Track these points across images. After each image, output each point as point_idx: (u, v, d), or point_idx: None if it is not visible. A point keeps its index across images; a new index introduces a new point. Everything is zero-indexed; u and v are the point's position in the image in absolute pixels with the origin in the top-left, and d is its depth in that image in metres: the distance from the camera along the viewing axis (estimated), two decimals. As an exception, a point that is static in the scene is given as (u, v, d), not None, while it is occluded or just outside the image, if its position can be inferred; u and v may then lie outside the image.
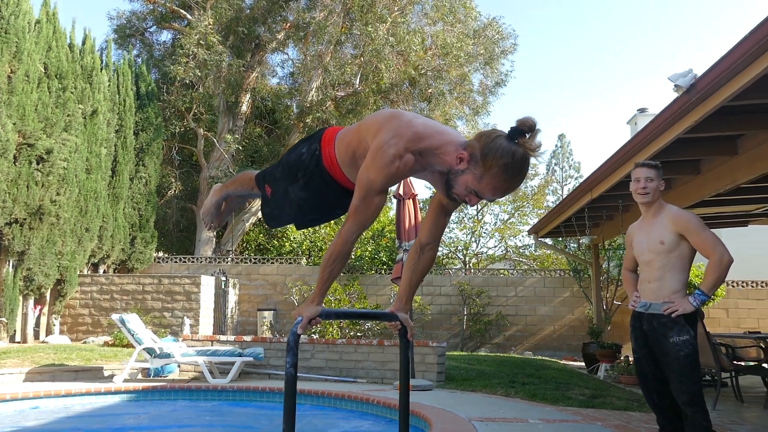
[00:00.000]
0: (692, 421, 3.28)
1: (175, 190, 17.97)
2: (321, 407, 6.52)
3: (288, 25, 17.79)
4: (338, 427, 5.54)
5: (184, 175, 18.38)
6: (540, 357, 13.02)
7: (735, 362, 6.96)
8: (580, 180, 17.61)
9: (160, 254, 16.92)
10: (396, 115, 2.23)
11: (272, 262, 15.28)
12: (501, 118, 41.56)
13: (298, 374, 7.13)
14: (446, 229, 18.40)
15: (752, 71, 4.05)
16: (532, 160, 2.05)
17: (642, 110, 21.76)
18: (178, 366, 8.36)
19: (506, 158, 1.96)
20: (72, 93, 11.53)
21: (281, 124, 18.25)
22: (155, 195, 14.81)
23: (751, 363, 7.39)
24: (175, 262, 15.43)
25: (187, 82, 16.65)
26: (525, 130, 1.98)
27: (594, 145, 45.96)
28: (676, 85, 4.71)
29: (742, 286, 14.11)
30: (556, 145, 29.63)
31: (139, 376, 8.19)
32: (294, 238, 17.49)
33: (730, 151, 6.20)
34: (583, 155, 44.88)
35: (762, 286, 14.11)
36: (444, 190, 2.18)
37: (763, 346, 7.38)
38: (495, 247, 23.18)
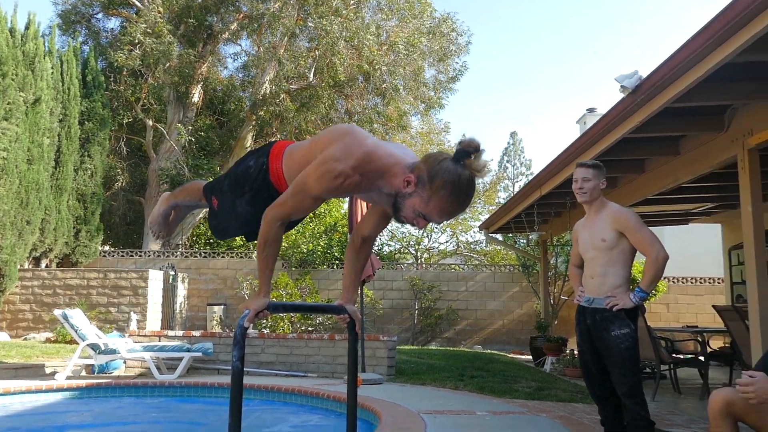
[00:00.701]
0: (631, 412, 3.39)
1: (122, 182, 17.53)
2: (270, 402, 6.48)
3: (241, 15, 17.54)
4: (287, 422, 5.52)
5: (131, 166, 17.94)
6: (489, 351, 13.23)
7: (674, 355, 7.21)
8: (531, 177, 17.94)
9: (106, 248, 16.51)
10: (349, 131, 2.20)
11: (223, 256, 15.08)
12: (454, 114, 41.93)
13: (248, 369, 7.05)
14: (398, 224, 18.44)
15: (693, 75, 4.19)
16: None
17: (591, 110, 22.27)
18: (124, 362, 8.19)
19: (453, 180, 1.98)
20: (13, 80, 11.11)
21: (234, 116, 18.00)
22: (101, 187, 14.41)
23: (689, 356, 7.68)
24: (122, 255, 15.08)
25: (136, 71, 16.25)
26: (470, 151, 1.99)
27: (545, 144, 46.81)
28: (622, 86, 4.84)
29: (682, 283, 14.62)
30: (508, 143, 29.99)
31: (83, 373, 7.98)
32: (245, 232, 17.27)
33: (672, 152, 6.41)
34: (535, 153, 45.68)
35: (701, 283, 14.65)
36: (392, 212, 2.17)
37: (700, 340, 7.67)
38: (446, 242, 23.41)
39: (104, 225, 15.03)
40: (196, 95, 17.53)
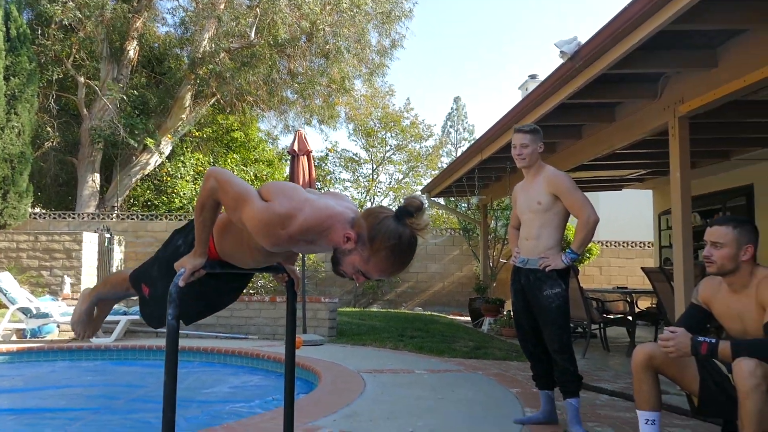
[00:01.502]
0: (561, 367, 3.53)
1: (53, 142, 16.79)
2: (210, 364, 6.46)
3: (179, -31, 16.84)
4: (227, 383, 5.52)
5: (63, 125, 17.17)
6: (429, 312, 13.48)
7: (604, 315, 7.52)
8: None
9: (37, 210, 15.88)
10: (291, 194, 2.06)
11: (161, 219, 14.75)
12: (399, 78, 41.74)
13: (187, 332, 6.96)
14: (341, 188, 18.32)
15: (629, 41, 4.29)
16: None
17: (533, 76, 22.55)
18: (58, 326, 7.98)
19: (393, 240, 1.92)
20: (-70, 29, 10.42)
21: (172, 74, 17.40)
22: (30, 146, 13.77)
23: (618, 316, 8.02)
24: (54, 218, 14.55)
25: (66, 24, 15.44)
26: (412, 210, 1.94)
27: (489, 109, 47.33)
28: (561, 52, 4.90)
29: (615, 246, 15.18)
30: (452, 108, 30.22)
31: (14, 338, 7.75)
32: (184, 194, 16.93)
33: (608, 119, 6.58)
34: (478, 118, 46.17)
35: (632, 246, 15.24)
36: (332, 262, 2.10)
37: (629, 301, 8.01)
38: (389, 205, 23.51)
39: (34, 186, 14.43)
40: (132, 52, 16.84)
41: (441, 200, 14.94)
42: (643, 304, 10.23)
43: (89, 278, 12.06)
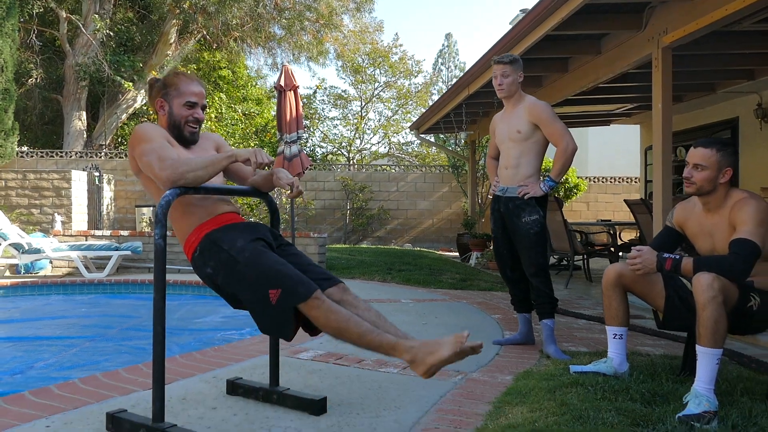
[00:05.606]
0: (537, 290, 3.67)
1: (36, 79, 16.52)
2: (203, 297, 6.60)
3: None
4: (219, 313, 5.67)
5: (46, 62, 16.85)
6: (419, 248, 13.68)
7: (588, 247, 7.70)
8: (462, 79, 17.88)
9: (24, 148, 15.77)
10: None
11: (150, 157, 14.68)
12: (387, 14, 40.83)
13: (180, 267, 7.04)
14: (331, 125, 18.05)
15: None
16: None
17: (524, 11, 22.13)
18: (51, 262, 8.09)
19: (172, 69, 2.29)
20: None
21: (157, 8, 16.99)
22: (13, 83, 13.56)
23: (602, 247, 8.20)
24: (42, 156, 14.48)
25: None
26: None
27: (481, 46, 46.54)
28: (546, -19, 4.86)
29: (602, 182, 15.31)
30: (443, 45, 29.82)
31: (7, 273, 7.86)
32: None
33: (594, 51, 6.56)
34: (470, 55, 45.52)
35: (618, 182, 15.36)
36: (177, 136, 2.49)
37: (612, 233, 8.18)
38: (378, 143, 23.48)
39: (20, 124, 14.28)
40: (113, -15, 16.40)
41: (431, 137, 14.94)
42: (627, 236, 10.43)
43: (80, 216, 12.12)
